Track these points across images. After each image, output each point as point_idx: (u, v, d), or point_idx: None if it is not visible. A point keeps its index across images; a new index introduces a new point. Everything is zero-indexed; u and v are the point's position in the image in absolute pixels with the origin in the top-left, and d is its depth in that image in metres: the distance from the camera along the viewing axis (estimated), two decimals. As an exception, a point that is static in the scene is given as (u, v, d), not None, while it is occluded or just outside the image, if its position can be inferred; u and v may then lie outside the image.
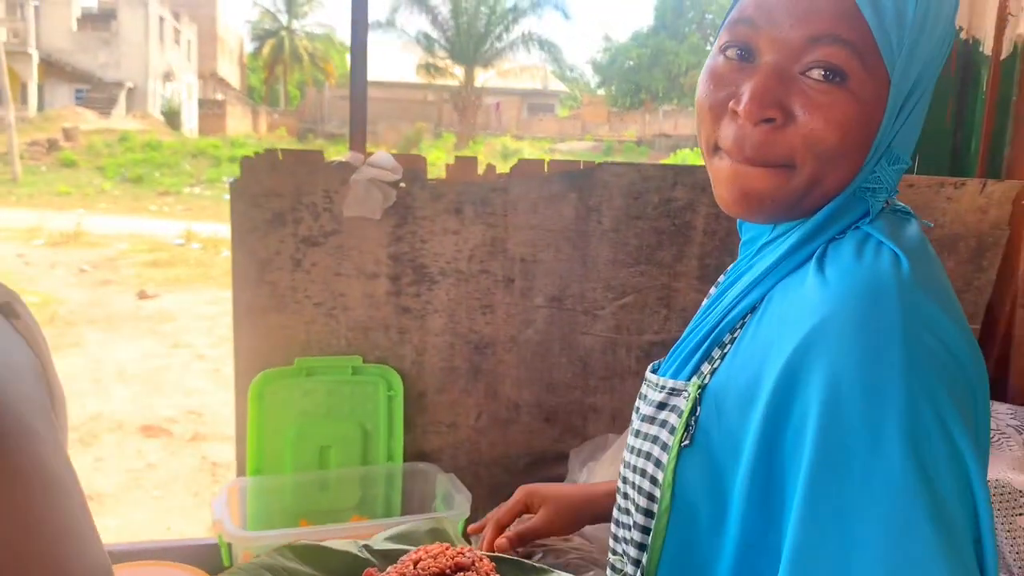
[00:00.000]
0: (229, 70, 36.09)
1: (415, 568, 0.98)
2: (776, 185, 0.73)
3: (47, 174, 17.75)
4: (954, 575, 0.59)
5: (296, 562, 1.08)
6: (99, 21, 28.31)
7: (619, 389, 1.93)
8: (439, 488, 1.74)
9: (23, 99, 24.80)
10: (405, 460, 1.81)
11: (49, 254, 10.78)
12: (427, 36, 28.18)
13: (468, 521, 1.64)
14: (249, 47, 37.98)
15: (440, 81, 28.54)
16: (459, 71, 28.14)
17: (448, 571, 0.97)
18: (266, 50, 35.78)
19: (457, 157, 1.76)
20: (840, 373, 0.64)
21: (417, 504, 1.77)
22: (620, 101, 30.57)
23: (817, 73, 0.69)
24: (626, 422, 1.92)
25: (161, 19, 28.75)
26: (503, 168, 1.79)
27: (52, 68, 26.46)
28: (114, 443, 5.15)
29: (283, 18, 35.56)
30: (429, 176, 1.74)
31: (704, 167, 1.90)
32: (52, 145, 19.62)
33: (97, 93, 26.57)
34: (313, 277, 1.73)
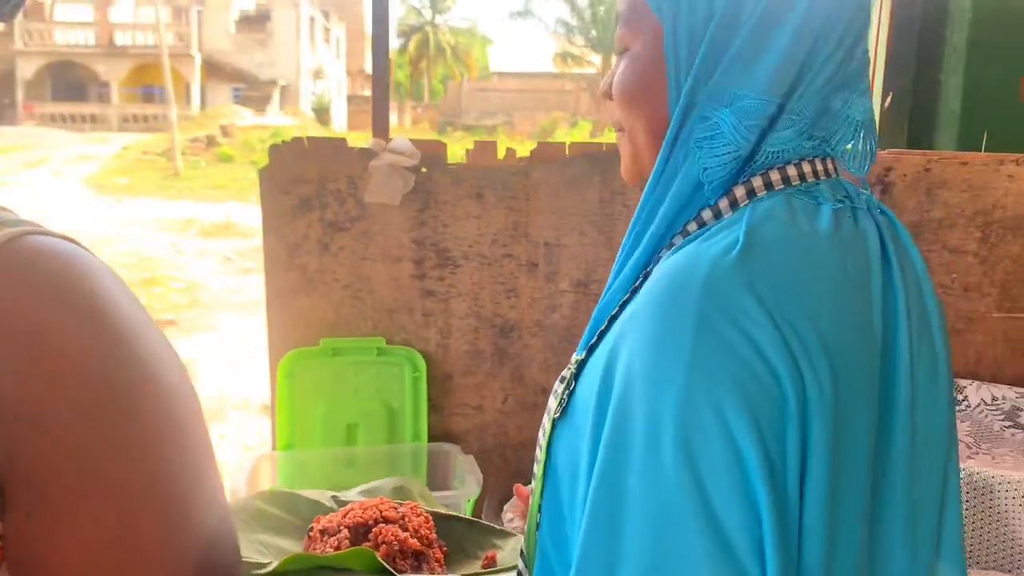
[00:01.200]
0: (376, 66, 37.36)
1: (343, 517, 1.06)
2: (625, 149, 0.77)
3: (206, 168, 18.96)
4: None
5: (270, 505, 1.17)
6: (255, 23, 29.96)
7: (651, 376, 1.89)
8: (458, 468, 1.77)
9: (187, 99, 26.63)
10: (432, 440, 1.85)
11: (200, 243, 11.53)
12: (565, 24, 28.19)
13: (476, 501, 1.67)
14: (395, 43, 39.22)
15: (577, 69, 28.48)
16: (596, 59, 27.99)
17: (371, 522, 1.05)
18: (411, 45, 36.82)
19: (476, 142, 1.78)
20: (633, 362, 0.62)
21: (440, 482, 1.81)
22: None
23: None
24: (659, 409, 1.89)
25: (312, 19, 30.11)
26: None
27: (213, 69, 28.25)
28: (239, 420, 5.49)
29: (427, 13, 36.49)
30: (450, 161, 1.77)
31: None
32: (211, 141, 20.95)
33: (253, 91, 28.18)
34: (340, 261, 1.80)
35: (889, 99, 1.89)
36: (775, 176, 0.69)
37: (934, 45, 1.87)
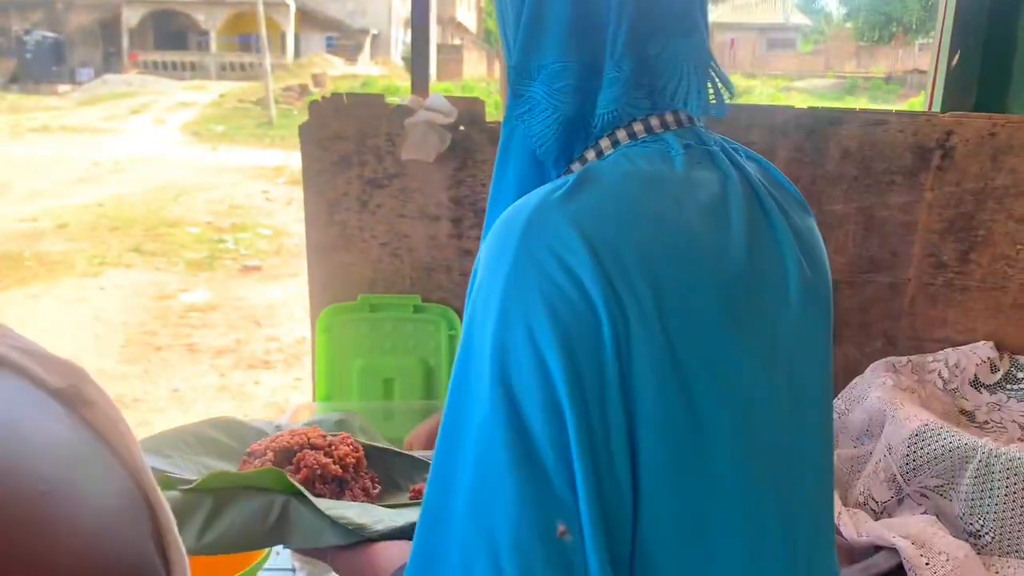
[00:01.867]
0: (467, 15, 37.19)
1: (271, 442, 1.11)
2: None
3: (298, 117, 19.24)
4: (522, 493, 0.59)
5: (217, 431, 1.22)
6: (349, -29, 30.10)
7: (691, 341, 1.86)
8: (490, 427, 1.79)
9: (281, 47, 27.08)
10: (467, 398, 1.87)
11: (288, 191, 11.81)
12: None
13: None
14: (487, -10, 38.83)
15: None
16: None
17: (297, 447, 1.09)
18: (503, -7, 36.41)
19: (515, 100, 1.75)
20: (474, 297, 0.66)
21: (474, 441, 1.83)
22: (868, 34, 28.09)
23: None
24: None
25: (404, -33, 30.10)
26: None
27: (307, 17, 28.60)
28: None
29: (520, -40, 35.91)
30: (488, 119, 1.75)
31: (782, 108, 1.76)
32: (303, 90, 21.30)
33: (345, 40, 28.45)
34: (379, 218, 1.81)
35: (956, 58, 1.78)
36: (621, 134, 0.71)
37: (1010, -1, 1.74)
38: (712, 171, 0.69)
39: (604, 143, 0.71)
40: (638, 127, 0.71)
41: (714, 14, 27.20)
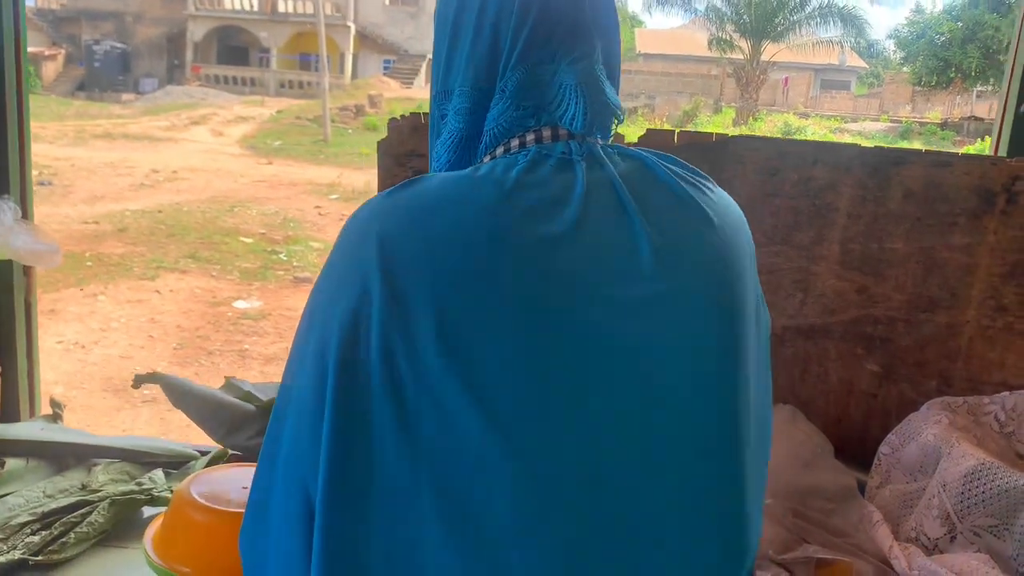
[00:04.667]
0: (522, 43, 37.57)
1: None
2: None
3: (352, 136, 19.66)
4: (298, 425, 0.73)
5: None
6: (409, -4, 30.63)
7: (746, 370, 1.88)
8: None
9: (340, 68, 27.61)
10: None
11: (340, 207, 12.02)
12: (716, 9, 27.42)
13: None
14: (543, 20, 39.14)
15: (729, 56, 27.69)
16: (746, 45, 27.15)
17: None
18: (558, 23, 36.70)
19: (586, 126, 1.80)
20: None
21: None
22: (925, 79, 27.74)
23: None
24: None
25: (463, -6, 30.48)
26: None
27: (366, 40, 29.15)
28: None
29: (577, -8, 36.20)
30: (559, 143, 1.81)
31: (848, 145, 1.80)
32: (359, 110, 21.69)
33: (401, 64, 28.90)
34: (448, 233, 1.87)
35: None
36: (499, 150, 0.78)
37: (1081, 48, 1.76)
38: (564, 175, 0.74)
39: (487, 159, 0.78)
40: (515, 142, 0.77)
41: (769, 54, 27.16)
